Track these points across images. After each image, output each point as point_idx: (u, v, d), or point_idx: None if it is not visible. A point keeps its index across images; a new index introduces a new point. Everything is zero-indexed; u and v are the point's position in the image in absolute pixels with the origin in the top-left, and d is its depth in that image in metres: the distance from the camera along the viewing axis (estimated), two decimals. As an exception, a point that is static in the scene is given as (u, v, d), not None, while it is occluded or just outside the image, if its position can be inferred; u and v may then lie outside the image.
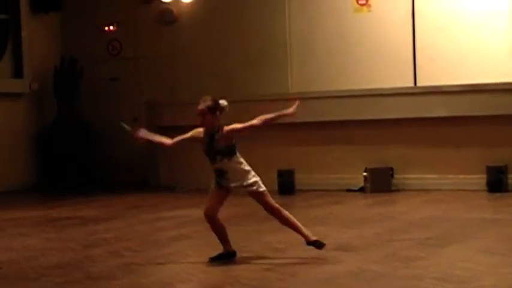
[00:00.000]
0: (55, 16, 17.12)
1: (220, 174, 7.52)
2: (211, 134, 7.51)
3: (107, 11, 16.89)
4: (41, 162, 16.49)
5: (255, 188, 7.52)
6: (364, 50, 14.63)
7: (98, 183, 16.31)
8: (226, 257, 7.55)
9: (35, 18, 16.62)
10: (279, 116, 7.62)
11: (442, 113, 13.39)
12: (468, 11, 13.99)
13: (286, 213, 7.63)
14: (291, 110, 7.57)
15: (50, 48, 16.95)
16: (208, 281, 6.75)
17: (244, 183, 7.50)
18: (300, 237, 7.59)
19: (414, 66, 14.26)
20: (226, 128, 7.49)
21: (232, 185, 7.51)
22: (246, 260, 7.61)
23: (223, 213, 11.42)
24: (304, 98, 14.50)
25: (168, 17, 16.31)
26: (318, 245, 7.49)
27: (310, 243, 7.52)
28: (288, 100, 14.65)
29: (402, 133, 13.82)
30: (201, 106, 7.55)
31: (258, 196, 7.59)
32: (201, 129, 7.61)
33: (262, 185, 7.60)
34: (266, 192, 7.61)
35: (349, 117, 13.95)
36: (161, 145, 7.94)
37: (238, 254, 7.84)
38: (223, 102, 7.57)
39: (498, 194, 12.66)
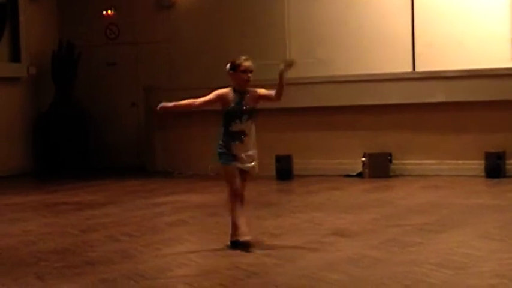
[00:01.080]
0: (53, 0, 17.08)
1: (238, 136, 7.46)
2: (242, 92, 7.46)
3: (104, -5, 16.86)
4: (38, 147, 16.48)
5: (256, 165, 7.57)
6: (363, 35, 14.62)
7: (95, 168, 16.32)
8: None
9: (32, 3, 16.57)
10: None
11: (440, 98, 13.38)
12: (467, -4, 14.00)
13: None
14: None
15: (48, 33, 16.92)
16: (206, 266, 6.75)
17: (254, 162, 7.52)
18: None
19: (413, 52, 14.24)
20: (255, 90, 7.49)
21: (246, 154, 7.48)
22: (244, 246, 7.61)
23: (221, 198, 11.45)
24: (303, 83, 14.56)
25: (165, 1, 16.26)
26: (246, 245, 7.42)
27: (238, 242, 7.45)
28: (286, 85, 14.73)
29: (401, 118, 13.81)
30: (252, 65, 7.48)
31: (246, 177, 7.61)
32: (224, 90, 7.50)
33: None
34: None
35: (348, 103, 13.94)
36: (189, 107, 7.78)
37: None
38: None
39: (496, 180, 12.67)
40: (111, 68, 16.94)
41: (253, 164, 7.57)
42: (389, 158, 13.72)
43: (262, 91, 7.57)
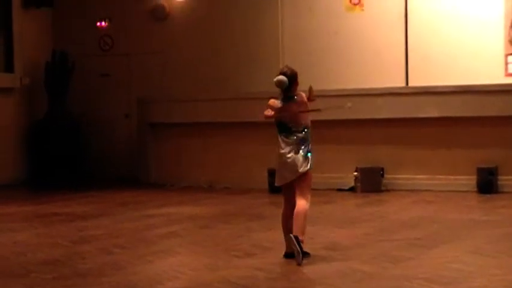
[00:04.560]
0: (47, 11, 17.07)
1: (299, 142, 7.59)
2: (289, 97, 7.58)
3: (98, 6, 16.84)
4: (31, 158, 16.43)
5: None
6: (356, 50, 14.64)
7: (87, 179, 16.28)
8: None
9: (26, 13, 16.56)
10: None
11: (433, 113, 13.39)
12: (461, 11, 14.02)
13: None
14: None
15: (42, 43, 16.90)
16: (197, 279, 6.74)
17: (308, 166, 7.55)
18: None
19: (406, 67, 14.27)
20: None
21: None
22: (235, 259, 7.60)
23: (213, 211, 11.44)
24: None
25: (160, 13, 16.27)
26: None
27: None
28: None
29: (393, 133, 13.82)
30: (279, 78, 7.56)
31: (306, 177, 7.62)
32: (275, 100, 7.56)
33: None
34: None
35: (340, 117, 13.93)
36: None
37: (228, 252, 7.85)
38: None
39: (488, 196, 12.69)
40: (104, 79, 16.92)
41: None
42: (382, 172, 13.72)
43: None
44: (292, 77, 7.57)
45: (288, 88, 7.54)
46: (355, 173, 13.70)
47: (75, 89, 16.52)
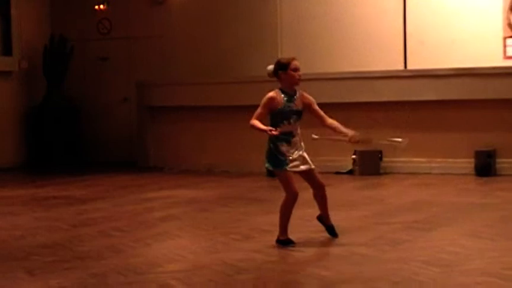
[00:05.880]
0: (45, -6, 17.07)
1: (287, 138, 7.48)
2: (291, 93, 7.48)
3: (97, -11, 16.83)
4: (29, 141, 16.45)
5: (310, 166, 7.66)
6: (354, 33, 14.61)
7: (86, 162, 16.30)
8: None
9: (25, -4, 16.56)
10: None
11: (431, 96, 13.41)
12: (459, -6, 14.02)
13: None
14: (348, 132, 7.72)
15: (40, 27, 16.87)
16: (196, 262, 6.76)
17: (306, 161, 7.59)
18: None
19: (404, 50, 14.25)
20: (304, 94, 7.60)
21: (296, 155, 7.57)
22: (233, 242, 7.63)
23: (212, 194, 11.47)
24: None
25: (159, -4, 16.26)
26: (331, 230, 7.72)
27: (328, 226, 7.78)
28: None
29: (392, 116, 13.83)
30: (299, 63, 7.46)
31: (311, 174, 7.70)
32: (272, 94, 7.43)
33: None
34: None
35: (339, 100, 13.94)
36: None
37: (227, 235, 7.87)
38: None
39: (486, 178, 12.71)
40: (103, 63, 16.91)
41: (306, 166, 7.65)
42: (380, 155, 13.75)
43: (315, 105, 7.69)
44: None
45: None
46: (354, 156, 13.72)
47: (73, 72, 16.52)
